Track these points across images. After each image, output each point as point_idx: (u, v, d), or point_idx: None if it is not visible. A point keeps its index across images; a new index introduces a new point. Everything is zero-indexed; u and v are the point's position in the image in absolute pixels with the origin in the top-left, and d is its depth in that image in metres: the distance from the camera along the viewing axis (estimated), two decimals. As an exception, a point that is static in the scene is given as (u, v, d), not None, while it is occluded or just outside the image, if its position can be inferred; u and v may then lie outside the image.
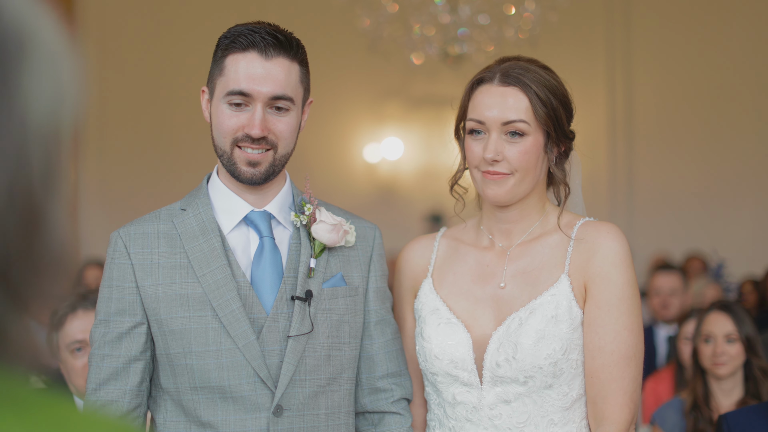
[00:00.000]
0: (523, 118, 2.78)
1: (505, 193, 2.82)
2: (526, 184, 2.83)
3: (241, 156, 2.67)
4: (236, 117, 2.65)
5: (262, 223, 2.76)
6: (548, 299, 2.76)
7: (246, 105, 2.65)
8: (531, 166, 2.81)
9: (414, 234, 11.96)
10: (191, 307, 2.65)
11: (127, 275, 2.67)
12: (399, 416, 2.92)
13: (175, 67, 12.01)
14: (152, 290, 2.66)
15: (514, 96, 2.80)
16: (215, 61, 2.72)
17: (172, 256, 2.70)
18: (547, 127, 2.80)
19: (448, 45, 8.68)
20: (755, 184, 12.13)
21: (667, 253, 11.19)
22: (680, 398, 4.88)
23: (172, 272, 2.68)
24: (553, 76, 2.86)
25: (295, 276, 2.74)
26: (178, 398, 2.67)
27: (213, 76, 2.72)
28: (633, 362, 2.74)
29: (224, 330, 2.63)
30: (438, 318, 2.88)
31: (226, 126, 2.66)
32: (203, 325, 2.64)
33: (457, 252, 3.00)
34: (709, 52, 12.17)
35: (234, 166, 2.69)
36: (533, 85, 2.79)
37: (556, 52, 11.38)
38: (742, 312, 4.77)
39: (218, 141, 2.70)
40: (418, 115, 12.46)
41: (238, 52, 2.65)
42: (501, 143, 2.80)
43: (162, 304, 2.65)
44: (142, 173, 12.12)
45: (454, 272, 2.97)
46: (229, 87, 2.64)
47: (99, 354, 2.67)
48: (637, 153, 12.35)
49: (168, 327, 2.65)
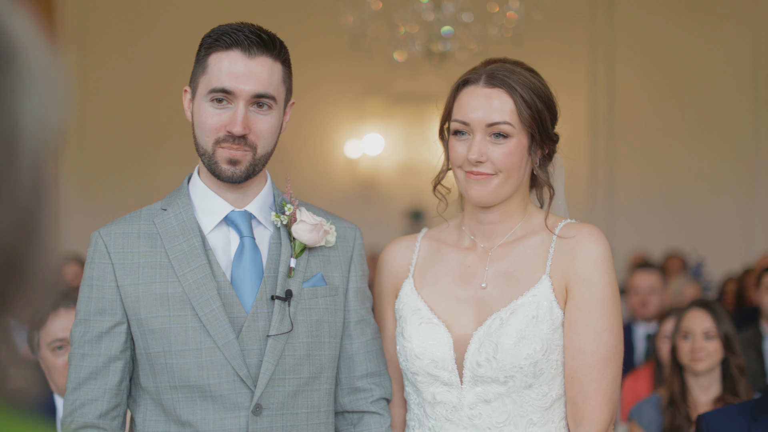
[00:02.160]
0: (508, 120, 2.79)
1: (489, 193, 2.83)
2: (509, 185, 2.84)
3: (222, 154, 2.67)
4: (218, 115, 2.66)
5: (242, 222, 2.76)
6: (529, 300, 2.77)
7: (228, 103, 2.65)
8: (515, 167, 2.82)
9: (394, 230, 12.01)
10: (171, 307, 2.65)
11: (107, 275, 2.67)
12: (378, 416, 2.93)
13: (157, 65, 11.98)
14: (132, 290, 2.66)
15: (499, 98, 2.81)
16: (198, 60, 2.72)
17: (152, 256, 2.70)
18: (532, 130, 2.81)
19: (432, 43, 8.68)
20: (735, 183, 12.19)
21: (647, 251, 11.25)
22: (658, 395, 4.91)
23: (152, 272, 2.68)
24: (538, 78, 2.87)
25: (275, 276, 2.75)
26: (157, 397, 2.67)
27: (196, 75, 2.72)
28: (612, 363, 2.76)
29: (204, 329, 2.64)
30: (419, 318, 2.89)
31: (209, 124, 2.67)
32: (183, 325, 2.64)
33: (438, 253, 3.01)
34: (690, 52, 12.22)
35: (215, 164, 2.68)
36: (518, 87, 2.80)
37: (539, 50, 11.41)
38: (722, 310, 4.82)
39: (200, 140, 2.70)
40: (399, 112, 12.47)
41: (221, 51, 2.66)
42: (485, 144, 2.81)
43: (142, 304, 2.66)
44: (122, 171, 12.09)
45: (435, 273, 2.97)
46: (211, 85, 2.65)
47: (79, 353, 2.68)
48: (618, 152, 12.40)
49: (148, 326, 2.65)
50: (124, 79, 12.06)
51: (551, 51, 11.92)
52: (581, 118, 12.19)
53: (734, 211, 12.16)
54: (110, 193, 11.87)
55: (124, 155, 12.13)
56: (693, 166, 12.22)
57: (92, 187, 11.99)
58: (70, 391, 2.67)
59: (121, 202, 11.37)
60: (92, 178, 12.03)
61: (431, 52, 8.77)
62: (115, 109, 12.05)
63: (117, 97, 12.05)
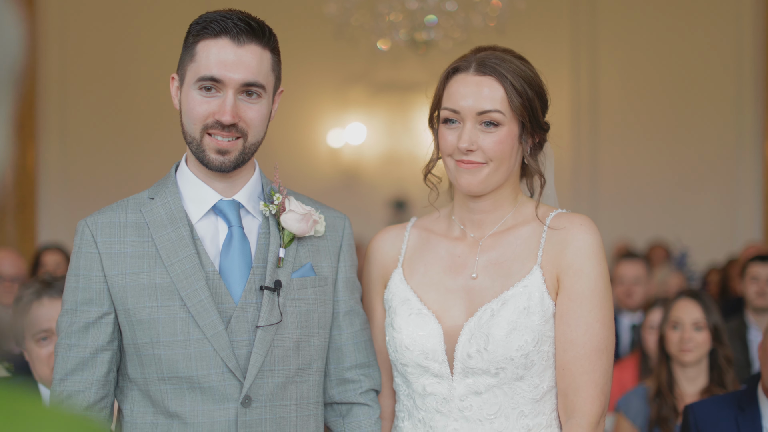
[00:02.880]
0: (498, 108, 2.77)
1: (479, 182, 2.80)
2: (500, 173, 2.81)
3: (211, 143, 2.64)
4: (207, 103, 2.63)
5: (231, 212, 2.73)
6: (520, 291, 2.75)
7: (217, 91, 2.63)
8: (506, 155, 2.79)
9: (377, 219, 11.98)
10: (159, 297, 2.62)
11: (94, 264, 2.64)
12: (367, 407, 2.92)
13: (141, 53, 11.91)
14: (119, 280, 2.63)
15: (490, 86, 2.78)
16: (186, 47, 2.68)
17: (139, 246, 2.67)
18: (522, 118, 2.79)
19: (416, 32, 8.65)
20: (718, 173, 12.21)
21: (630, 241, 11.25)
22: (644, 386, 4.91)
23: (139, 261, 2.65)
24: (528, 66, 2.85)
25: (264, 266, 2.72)
26: (145, 388, 2.65)
27: (183, 62, 2.69)
28: (604, 355, 2.74)
29: (192, 320, 2.61)
30: (409, 308, 2.86)
31: (197, 112, 2.63)
32: (171, 315, 2.61)
33: (428, 242, 2.98)
34: (673, 43, 12.23)
35: (203, 153, 2.66)
36: (509, 75, 2.77)
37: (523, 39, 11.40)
38: (710, 301, 4.81)
39: (188, 128, 2.67)
40: (382, 101, 12.43)
41: (209, 38, 2.62)
42: (476, 133, 2.78)
43: (129, 294, 2.63)
44: (105, 160, 12.02)
45: (425, 263, 2.95)
46: (200, 73, 2.62)
47: (65, 344, 2.64)
48: (601, 142, 12.40)
49: (136, 317, 2.62)
50: (106, 67, 11.98)
51: (534, 40, 11.90)
52: (564, 108, 12.18)
53: (717, 201, 12.18)
54: (92, 182, 11.80)
55: (106, 144, 12.06)
56: (676, 156, 12.23)
57: (74, 177, 11.91)
58: (57, 382, 2.64)
59: (103, 191, 11.31)
60: (74, 167, 11.95)
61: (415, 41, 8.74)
62: (97, 97, 11.97)
63: (99, 85, 11.97)
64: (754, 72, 12.07)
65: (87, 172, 11.95)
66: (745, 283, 6.66)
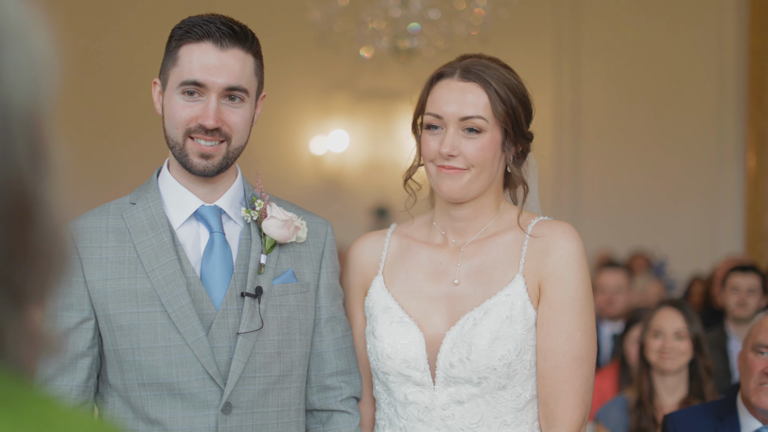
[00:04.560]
0: (481, 114, 2.76)
1: (460, 188, 2.79)
2: (481, 180, 2.80)
3: (194, 148, 2.64)
4: (189, 108, 2.62)
5: (212, 218, 2.72)
6: (503, 299, 2.74)
7: (200, 95, 2.62)
8: (487, 162, 2.79)
9: (359, 227, 11.96)
10: (140, 303, 2.61)
11: (78, 270, 2.62)
12: (347, 415, 2.91)
13: (123, 58, 11.88)
14: (100, 285, 2.62)
15: (474, 92, 2.78)
16: (168, 51, 2.68)
17: (120, 251, 2.66)
18: (506, 125, 2.78)
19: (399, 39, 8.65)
20: (700, 182, 12.25)
21: (612, 250, 11.27)
22: (624, 396, 4.91)
23: (120, 267, 2.64)
24: (513, 75, 2.84)
25: (245, 272, 2.71)
26: (125, 394, 2.63)
27: (166, 66, 2.68)
28: (585, 364, 2.73)
29: (173, 326, 2.60)
30: (390, 317, 2.85)
31: (179, 116, 2.63)
32: (152, 321, 2.60)
33: (408, 249, 2.97)
34: (656, 52, 12.26)
35: (186, 157, 2.65)
36: (493, 82, 2.77)
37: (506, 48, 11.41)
38: (692, 311, 4.82)
39: (170, 132, 2.66)
40: (365, 108, 12.43)
41: (192, 43, 2.62)
42: (458, 138, 2.78)
43: (110, 300, 2.61)
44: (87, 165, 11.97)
45: (406, 270, 2.93)
46: (183, 77, 2.61)
47: None
48: (583, 150, 12.42)
49: (116, 323, 2.61)
50: (88, 72, 11.94)
51: (518, 49, 11.91)
52: (546, 116, 12.20)
53: (699, 211, 12.21)
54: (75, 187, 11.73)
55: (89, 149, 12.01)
56: (658, 166, 12.26)
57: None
58: None
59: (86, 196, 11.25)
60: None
61: (398, 49, 8.73)
62: (79, 103, 11.92)
63: (82, 90, 11.92)
64: (736, 82, 12.11)
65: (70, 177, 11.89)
66: (725, 293, 6.68)
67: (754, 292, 6.55)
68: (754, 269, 6.79)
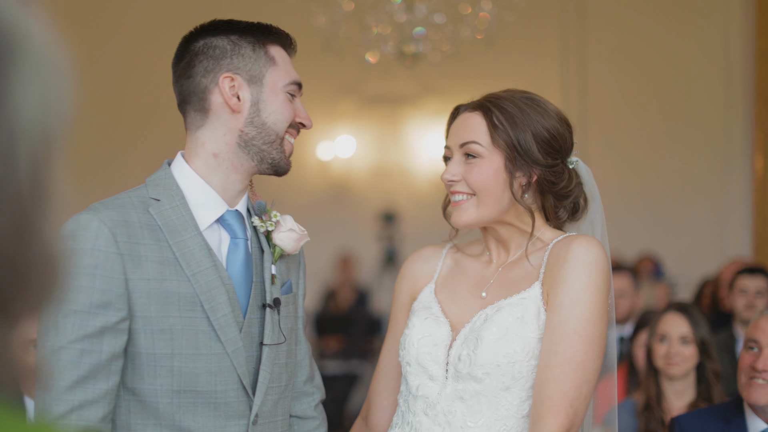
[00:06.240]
0: (475, 140, 2.82)
1: (466, 219, 2.85)
2: (487, 207, 2.83)
3: (288, 146, 2.71)
4: (292, 107, 2.71)
5: (236, 223, 2.69)
6: (517, 301, 2.76)
7: (296, 97, 2.74)
8: (489, 188, 2.82)
9: (366, 232, 11.97)
10: (181, 307, 2.52)
11: (115, 266, 2.46)
12: (317, 421, 2.99)
13: (127, 62, 11.90)
14: (143, 285, 2.49)
15: (474, 119, 2.84)
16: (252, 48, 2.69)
17: (158, 250, 2.53)
18: (507, 151, 2.80)
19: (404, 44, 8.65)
20: (707, 185, 12.22)
21: (620, 254, 11.26)
22: (632, 399, 4.90)
23: (161, 268, 2.52)
24: (532, 103, 2.87)
25: (260, 281, 2.71)
26: (152, 400, 2.52)
27: (256, 63, 2.69)
28: (580, 370, 2.66)
29: (215, 334, 2.54)
30: (428, 313, 2.91)
31: (288, 113, 2.69)
32: (194, 328, 2.52)
33: (460, 263, 3.03)
34: (662, 56, 12.25)
35: (282, 153, 2.69)
36: (496, 109, 2.81)
37: (511, 52, 11.42)
38: (698, 314, 4.80)
39: (274, 127, 2.67)
40: (372, 113, 12.44)
41: (278, 45, 2.75)
42: (460, 165, 2.85)
43: (153, 301, 2.49)
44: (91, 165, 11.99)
45: (455, 280, 3.00)
46: (291, 77, 2.72)
47: (76, 348, 2.42)
48: (590, 154, 12.40)
49: (158, 326, 2.49)
50: (93, 73, 11.96)
51: (523, 53, 11.92)
52: (553, 120, 12.19)
53: (706, 214, 12.19)
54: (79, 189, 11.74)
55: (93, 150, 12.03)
56: (665, 168, 12.25)
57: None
58: (65, 390, 2.42)
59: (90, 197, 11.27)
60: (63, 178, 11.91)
61: (403, 54, 8.74)
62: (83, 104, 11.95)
63: (86, 91, 11.94)
64: (743, 84, 12.10)
65: (73, 178, 11.92)
66: (733, 295, 6.66)
67: (762, 294, 6.53)
68: (762, 271, 6.77)
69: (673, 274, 10.43)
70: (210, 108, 2.65)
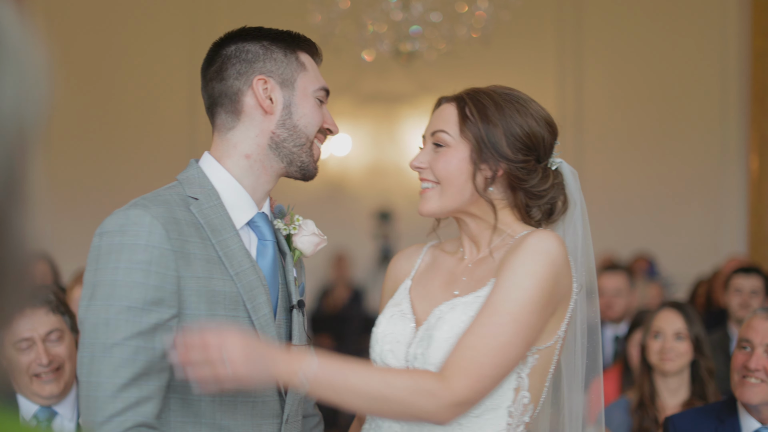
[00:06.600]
0: (445, 129, 2.80)
1: (428, 208, 2.84)
2: (449, 197, 2.80)
3: (317, 151, 2.74)
4: (320, 112, 2.75)
5: (265, 225, 2.72)
6: (472, 299, 2.71)
7: (324, 103, 2.78)
8: (452, 177, 2.78)
9: (362, 230, 11.98)
10: (226, 306, 2.53)
11: (169, 262, 2.44)
12: (318, 418, 3.04)
13: (126, 62, 11.89)
14: (193, 283, 2.48)
15: (449, 110, 2.83)
16: (284, 53, 2.73)
17: (204, 248, 2.53)
18: (475, 143, 2.77)
19: (400, 42, 8.65)
20: (703, 184, 12.24)
21: (615, 253, 11.27)
22: (626, 398, 4.91)
23: (208, 266, 2.52)
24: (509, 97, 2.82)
25: (284, 283, 2.75)
26: (196, 398, 2.51)
27: (288, 67, 2.73)
28: (502, 351, 2.56)
29: (254, 333, 2.55)
30: (396, 310, 2.88)
31: (318, 118, 2.73)
32: (237, 325, 2.52)
33: (437, 259, 3.01)
34: (659, 56, 12.26)
35: (311, 157, 2.73)
36: (471, 101, 2.79)
37: (508, 51, 11.42)
38: (693, 312, 4.82)
39: (305, 130, 2.71)
40: (368, 112, 12.43)
41: (308, 53, 2.78)
42: (429, 154, 2.84)
43: (202, 299, 2.49)
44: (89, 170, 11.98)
45: (428, 277, 2.97)
46: (321, 83, 2.77)
47: (131, 345, 2.39)
48: (586, 153, 12.41)
49: (207, 324, 2.47)
50: (91, 77, 11.95)
51: (519, 51, 11.93)
52: (549, 119, 12.20)
53: (702, 213, 12.20)
54: (77, 193, 11.75)
55: (91, 155, 12.02)
56: (661, 168, 12.26)
57: (58, 188, 11.86)
58: (120, 388, 2.37)
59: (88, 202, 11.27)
60: (58, 178, 11.90)
61: (399, 52, 8.73)
62: (81, 108, 11.94)
63: (84, 96, 11.94)
64: (739, 85, 12.11)
65: (72, 183, 11.90)
66: (728, 295, 6.67)
67: (756, 294, 6.55)
68: (757, 271, 6.79)
69: (668, 274, 10.45)
70: (242, 110, 2.68)
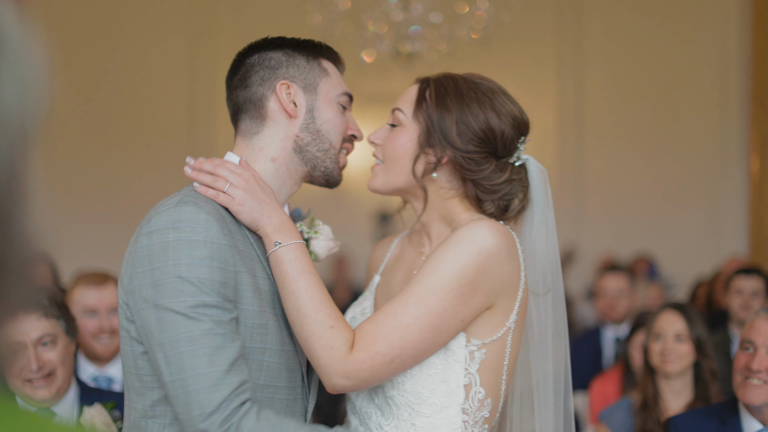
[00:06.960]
0: (400, 107, 2.82)
1: (373, 184, 2.86)
2: (391, 176, 2.80)
3: (342, 159, 2.78)
4: (344, 118, 2.79)
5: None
6: None
7: (347, 109, 2.81)
8: (396, 156, 2.79)
9: (362, 232, 11.97)
10: (266, 303, 2.55)
11: (228, 257, 2.45)
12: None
13: (126, 65, 11.89)
14: (248, 278, 2.50)
15: (412, 90, 2.84)
16: (306, 59, 2.77)
17: (246, 246, 2.56)
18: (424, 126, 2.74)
19: (400, 43, 8.63)
20: (703, 185, 12.24)
21: (616, 254, 11.26)
22: (629, 398, 4.90)
23: (252, 263, 2.55)
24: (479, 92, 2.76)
25: None
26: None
27: (310, 73, 2.76)
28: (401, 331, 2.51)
29: (287, 331, 2.60)
30: (357, 309, 2.91)
31: (341, 123, 2.77)
32: (278, 324, 2.57)
33: (403, 252, 3.02)
34: (659, 55, 12.26)
35: (336, 164, 2.78)
36: (433, 85, 2.78)
37: (508, 51, 11.41)
38: (695, 313, 4.80)
39: (328, 135, 2.75)
40: (368, 113, 12.38)
41: (330, 60, 2.82)
42: (386, 131, 2.86)
43: (255, 296, 2.51)
44: (91, 175, 11.98)
45: (393, 270, 2.98)
46: (344, 88, 2.81)
47: (221, 333, 2.38)
48: (587, 154, 12.41)
49: (258, 320, 2.51)
50: (92, 79, 11.96)
51: (520, 52, 11.92)
52: (549, 120, 12.19)
53: (702, 214, 12.20)
54: (79, 198, 11.75)
55: (93, 160, 12.02)
56: (661, 169, 12.25)
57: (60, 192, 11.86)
58: (223, 374, 2.35)
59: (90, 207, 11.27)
60: (60, 182, 11.91)
61: (399, 53, 8.71)
62: (83, 113, 11.94)
63: (86, 101, 11.94)
64: (739, 85, 12.10)
65: (72, 185, 11.90)
66: (729, 296, 6.65)
67: (757, 295, 6.53)
68: (758, 272, 6.77)
69: (668, 275, 10.44)
70: (267, 115, 2.73)
